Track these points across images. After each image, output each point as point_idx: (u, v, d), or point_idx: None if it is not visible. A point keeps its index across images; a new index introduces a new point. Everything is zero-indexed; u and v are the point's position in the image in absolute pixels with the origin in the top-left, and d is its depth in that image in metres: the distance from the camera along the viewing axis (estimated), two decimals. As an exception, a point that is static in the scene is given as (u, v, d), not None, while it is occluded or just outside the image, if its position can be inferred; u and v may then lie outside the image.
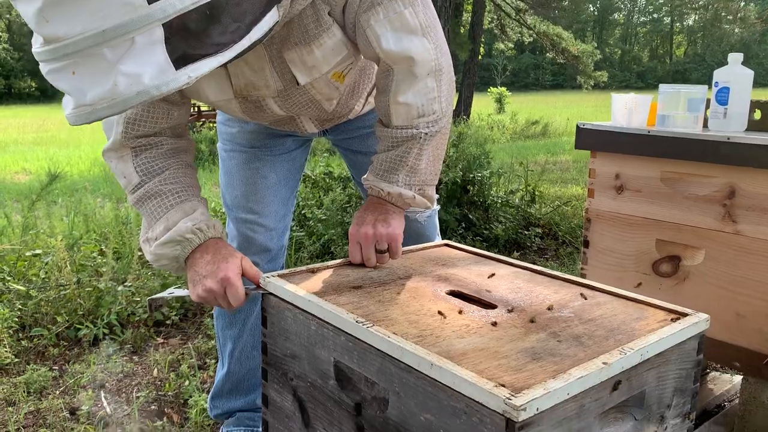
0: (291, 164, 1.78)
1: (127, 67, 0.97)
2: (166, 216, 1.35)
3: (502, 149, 10.40)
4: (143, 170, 1.38)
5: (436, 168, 1.48)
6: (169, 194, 1.37)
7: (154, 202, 1.37)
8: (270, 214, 1.73)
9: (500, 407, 0.85)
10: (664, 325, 1.11)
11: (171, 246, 1.33)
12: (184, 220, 1.34)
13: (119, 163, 1.39)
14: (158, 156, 1.39)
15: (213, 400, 1.88)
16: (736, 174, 1.75)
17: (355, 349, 1.09)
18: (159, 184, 1.37)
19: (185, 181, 1.41)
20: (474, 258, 1.50)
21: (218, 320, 1.83)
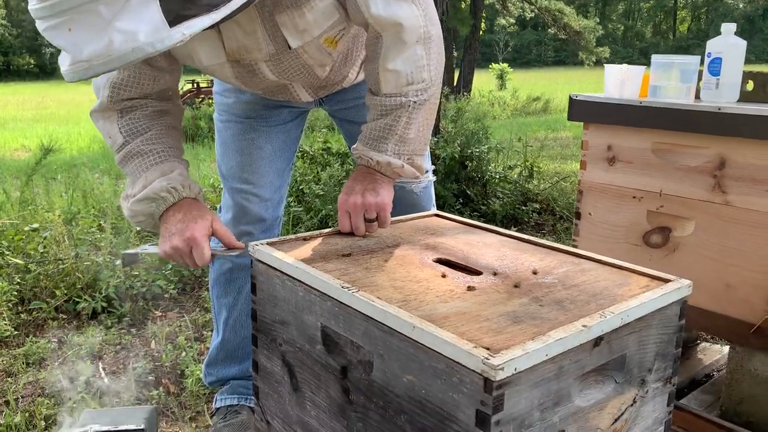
0: (287, 135, 1.79)
1: (123, 24, 0.99)
2: (145, 175, 1.37)
3: (502, 125, 10.36)
4: (127, 131, 1.40)
5: (426, 137, 1.49)
6: (150, 154, 1.39)
7: (136, 161, 1.39)
8: (265, 184, 1.75)
9: (478, 367, 0.87)
10: (646, 291, 1.12)
11: (146, 203, 1.36)
12: (161, 179, 1.37)
13: (105, 123, 1.42)
14: (142, 117, 1.41)
15: (207, 367, 1.91)
16: (727, 145, 1.75)
17: (341, 314, 1.11)
18: (141, 144, 1.39)
19: (167, 142, 1.42)
20: (463, 227, 1.52)
21: (213, 289, 1.86)
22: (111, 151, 1.45)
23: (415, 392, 0.98)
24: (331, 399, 1.17)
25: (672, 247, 1.90)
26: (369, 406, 1.08)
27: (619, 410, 1.10)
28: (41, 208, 3.86)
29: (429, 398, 0.96)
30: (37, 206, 3.91)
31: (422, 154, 1.49)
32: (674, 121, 1.82)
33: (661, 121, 1.85)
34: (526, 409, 0.91)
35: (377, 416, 1.06)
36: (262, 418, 1.39)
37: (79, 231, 3.43)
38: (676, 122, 1.82)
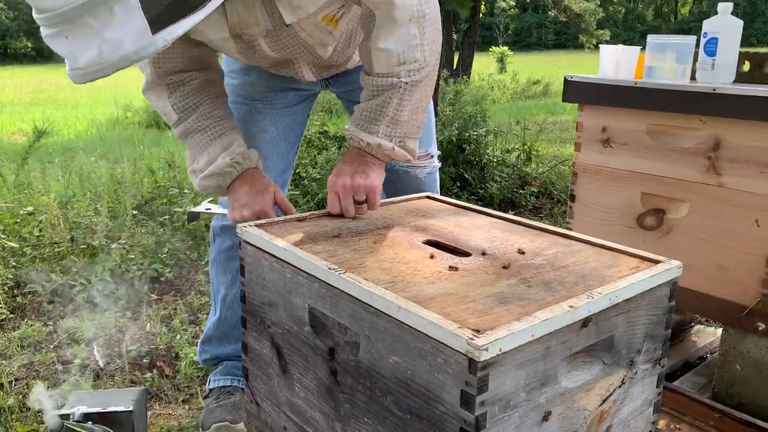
0: (291, 119, 1.78)
1: (110, 33, 1.04)
2: (207, 150, 1.50)
3: (502, 109, 10.31)
4: (180, 107, 1.51)
5: (419, 120, 1.47)
6: (207, 130, 1.51)
7: (195, 137, 1.51)
8: (268, 167, 1.74)
9: (463, 347, 0.86)
10: (636, 272, 1.12)
11: (214, 178, 1.50)
12: (223, 154, 1.49)
13: (158, 100, 1.52)
14: (191, 92, 1.51)
15: (203, 344, 1.92)
16: (721, 126, 1.74)
17: (328, 295, 1.10)
18: (196, 121, 1.51)
19: (219, 114, 1.53)
20: (454, 209, 1.51)
21: (213, 266, 1.86)
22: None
23: (401, 373, 0.98)
24: (319, 380, 1.16)
25: (666, 229, 1.89)
26: (356, 387, 1.08)
27: (608, 391, 1.10)
28: (37, 192, 3.85)
29: (415, 379, 0.95)
30: (33, 190, 3.90)
31: (415, 137, 1.48)
32: (669, 103, 1.80)
33: (656, 103, 1.83)
34: (511, 390, 0.91)
35: (364, 397, 1.06)
36: (251, 399, 1.39)
37: (74, 214, 3.42)
38: (671, 103, 1.80)
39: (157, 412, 1.91)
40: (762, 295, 1.72)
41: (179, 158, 4.93)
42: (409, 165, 1.75)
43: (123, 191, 3.94)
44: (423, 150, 1.77)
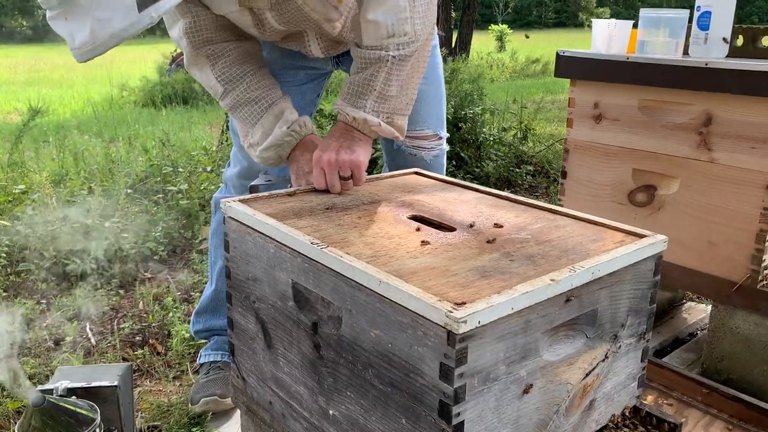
0: (301, 98, 1.75)
1: (99, 13, 1.07)
2: (260, 122, 1.51)
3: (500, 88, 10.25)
4: (224, 79, 1.50)
5: (409, 97, 1.45)
6: (257, 101, 1.51)
7: (245, 109, 1.52)
8: None
9: (442, 320, 0.86)
10: (620, 246, 1.11)
11: (273, 150, 1.51)
12: (279, 124, 1.49)
13: (201, 74, 1.52)
14: (233, 63, 1.50)
15: (197, 315, 1.92)
16: (713, 101, 1.72)
17: (311, 270, 1.10)
18: (245, 92, 1.51)
19: (266, 83, 1.53)
20: (441, 185, 1.50)
21: (213, 238, 1.86)
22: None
23: (381, 346, 0.97)
24: (303, 355, 1.16)
25: (657, 205, 1.89)
26: (339, 361, 1.08)
27: (591, 365, 1.10)
28: (31, 171, 3.83)
29: (395, 352, 0.95)
30: (27, 169, 3.89)
31: (404, 114, 1.46)
32: (661, 77, 1.79)
33: (648, 78, 1.81)
34: (491, 363, 0.91)
35: (347, 371, 1.06)
36: (238, 374, 1.39)
37: (67, 193, 3.41)
38: (663, 78, 1.78)
39: (148, 389, 1.92)
40: (751, 271, 1.72)
41: (174, 137, 4.91)
42: (417, 147, 1.74)
43: (117, 170, 3.92)
44: (432, 131, 1.76)
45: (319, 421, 1.16)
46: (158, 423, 1.74)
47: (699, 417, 1.66)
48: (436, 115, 1.76)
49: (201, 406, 1.72)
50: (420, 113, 1.69)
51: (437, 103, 1.77)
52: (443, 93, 1.79)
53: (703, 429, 1.61)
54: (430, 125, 1.74)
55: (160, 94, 8.94)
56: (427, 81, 1.66)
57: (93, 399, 1.27)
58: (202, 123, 7.00)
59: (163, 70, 10.50)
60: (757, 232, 1.69)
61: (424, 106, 1.70)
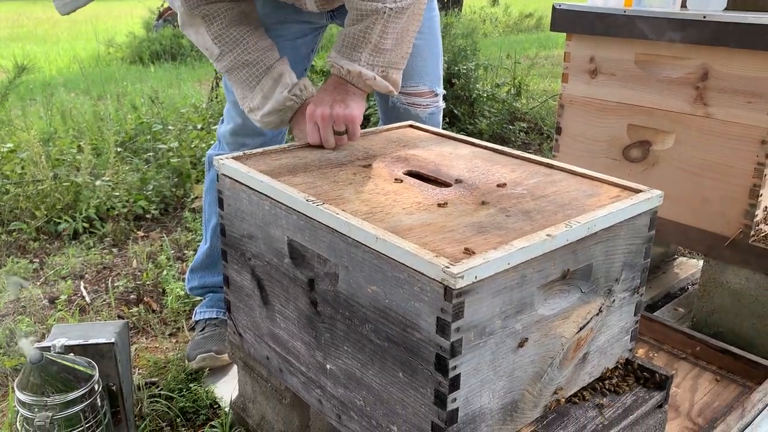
0: (295, 52, 1.71)
1: None
2: (260, 86, 1.49)
3: (494, 43, 10.10)
4: (220, 41, 1.47)
5: (404, 51, 1.43)
6: (255, 63, 1.49)
7: (243, 72, 1.49)
8: None
9: (439, 275, 0.86)
10: (616, 201, 1.11)
11: (275, 114, 1.49)
12: (279, 89, 1.48)
13: (197, 35, 1.49)
14: (229, 24, 1.47)
15: (191, 272, 1.92)
16: (711, 54, 1.70)
17: (307, 227, 1.10)
18: (242, 54, 1.48)
19: (263, 45, 1.50)
20: (436, 138, 1.49)
21: (207, 195, 1.85)
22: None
23: (378, 302, 0.98)
24: (300, 311, 1.17)
25: (651, 161, 1.88)
26: (336, 317, 1.08)
27: (585, 319, 1.11)
28: (18, 129, 3.77)
29: (392, 307, 0.96)
30: (15, 127, 3.83)
31: (399, 68, 1.44)
32: (658, 31, 1.76)
33: (645, 31, 1.79)
34: (487, 317, 0.92)
35: (344, 326, 1.07)
36: (234, 331, 1.40)
37: (56, 151, 3.37)
38: (660, 32, 1.76)
39: (144, 346, 1.94)
40: (744, 226, 1.73)
41: (163, 94, 4.84)
42: (412, 104, 1.71)
43: (106, 128, 3.87)
44: (428, 88, 1.73)
45: (317, 376, 1.17)
46: (156, 379, 1.75)
47: (688, 369, 1.69)
48: (432, 71, 1.73)
49: (198, 362, 1.74)
50: (416, 68, 1.66)
51: (434, 58, 1.73)
52: (440, 49, 1.76)
53: (692, 381, 1.65)
54: (426, 81, 1.71)
55: (148, 51, 8.76)
56: (423, 35, 1.62)
57: (90, 356, 1.27)
58: (191, 80, 6.89)
59: (150, 26, 10.27)
60: (751, 188, 1.69)
61: (419, 62, 1.67)
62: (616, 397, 1.17)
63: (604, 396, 1.17)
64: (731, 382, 1.64)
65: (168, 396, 1.67)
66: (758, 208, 1.71)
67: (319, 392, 1.18)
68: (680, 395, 1.58)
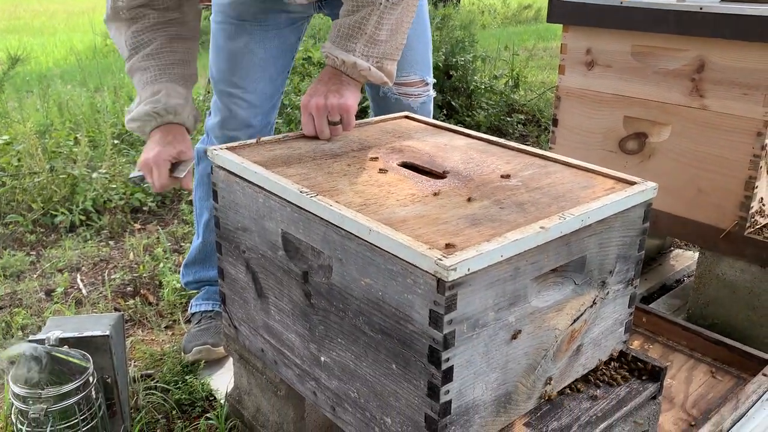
0: (282, 41, 1.72)
1: None
2: (140, 93, 1.45)
3: (492, 35, 10.07)
4: (132, 44, 1.44)
5: (398, 42, 1.42)
6: (147, 71, 1.44)
7: (136, 76, 1.46)
8: (255, 90, 1.70)
9: (431, 268, 0.86)
10: (610, 193, 1.11)
11: (135, 123, 1.46)
12: (147, 101, 1.43)
13: (116, 34, 1.47)
14: (146, 29, 1.43)
15: (185, 267, 1.92)
16: (707, 46, 1.70)
17: (301, 219, 1.09)
18: (141, 59, 1.44)
19: (165, 58, 1.45)
20: (432, 129, 1.48)
21: (197, 190, 1.85)
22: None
23: (372, 294, 0.98)
24: (294, 303, 1.17)
25: (647, 153, 1.88)
26: (329, 309, 1.08)
27: (579, 311, 1.11)
28: (15, 121, 3.76)
29: (385, 300, 0.96)
30: (11, 119, 3.81)
31: (394, 59, 1.44)
32: (655, 22, 1.76)
33: (642, 23, 1.78)
34: (480, 309, 0.92)
35: (337, 319, 1.07)
36: (229, 323, 1.40)
37: (52, 144, 3.36)
38: (657, 23, 1.75)
39: (140, 338, 1.94)
40: (739, 218, 1.73)
41: (160, 86, 4.81)
42: (403, 94, 1.71)
43: (103, 120, 3.85)
44: (418, 77, 1.72)
45: (311, 368, 1.18)
46: (152, 371, 1.76)
47: (683, 361, 1.69)
48: (422, 60, 1.72)
49: (193, 354, 1.74)
50: (406, 58, 1.65)
51: (423, 47, 1.73)
52: (429, 37, 1.76)
53: (687, 372, 1.65)
54: (417, 71, 1.71)
55: (145, 42, 8.72)
56: (412, 25, 1.62)
57: (85, 348, 1.27)
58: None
59: (147, 17, 10.23)
60: (746, 179, 1.69)
61: (409, 51, 1.66)
62: (610, 388, 1.18)
63: (598, 387, 1.17)
64: (726, 374, 1.64)
65: (164, 388, 1.67)
66: (754, 200, 1.71)
67: (314, 384, 1.18)
68: (675, 387, 1.59)
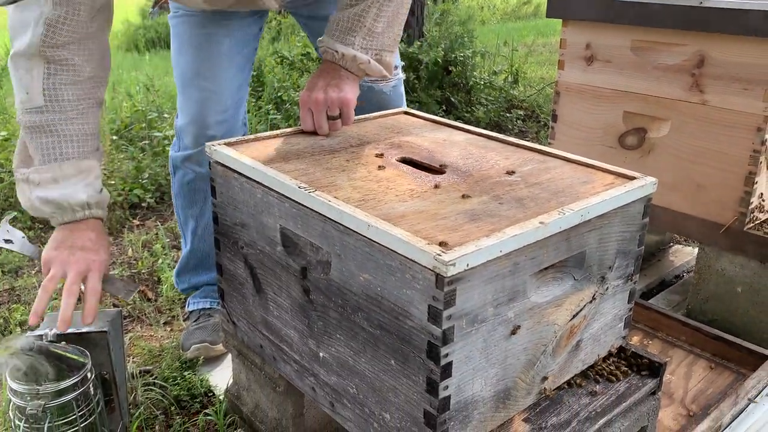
0: (246, 31, 1.67)
1: None
2: (59, 165, 1.27)
3: (492, 30, 10.06)
4: (51, 96, 1.26)
5: (396, 33, 1.42)
6: (70, 140, 1.28)
7: (50, 139, 1.27)
8: (224, 81, 1.65)
9: (430, 263, 0.86)
10: (610, 188, 1.10)
11: (52, 207, 1.28)
12: (81, 184, 1.28)
13: (27, 74, 1.25)
14: (71, 84, 1.27)
15: (178, 276, 1.90)
16: (707, 41, 1.69)
17: (299, 214, 1.09)
18: (63, 123, 1.27)
19: (90, 129, 1.32)
20: (431, 125, 1.48)
21: (177, 200, 1.80)
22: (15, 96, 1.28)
23: (371, 290, 0.98)
24: (293, 299, 1.17)
25: (647, 148, 1.88)
26: (328, 305, 1.08)
27: (578, 306, 1.10)
28: (13, 117, 3.75)
29: (384, 295, 0.95)
30: (9, 115, 3.81)
31: (392, 51, 1.43)
32: (654, 17, 1.75)
33: (641, 17, 1.78)
34: (479, 305, 0.91)
35: (336, 314, 1.07)
36: (228, 319, 1.40)
37: (51, 140, 3.35)
38: (656, 18, 1.75)
39: (139, 334, 1.93)
40: (739, 214, 1.72)
41: (158, 82, 4.81)
42: (375, 80, 1.67)
43: (101, 116, 3.85)
44: None
45: (310, 364, 1.17)
46: (150, 367, 1.75)
47: (683, 356, 1.69)
48: None
49: (192, 352, 1.73)
50: None
51: None
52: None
53: (686, 368, 1.65)
54: None
55: (143, 38, 8.71)
56: None
57: (84, 345, 1.27)
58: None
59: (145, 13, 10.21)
60: (746, 175, 1.69)
61: None
62: (610, 384, 1.17)
63: (597, 383, 1.17)
64: (725, 369, 1.64)
65: (162, 384, 1.67)
66: (753, 196, 1.70)
67: (313, 380, 1.18)
68: (674, 382, 1.59)
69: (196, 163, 1.70)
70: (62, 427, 1.21)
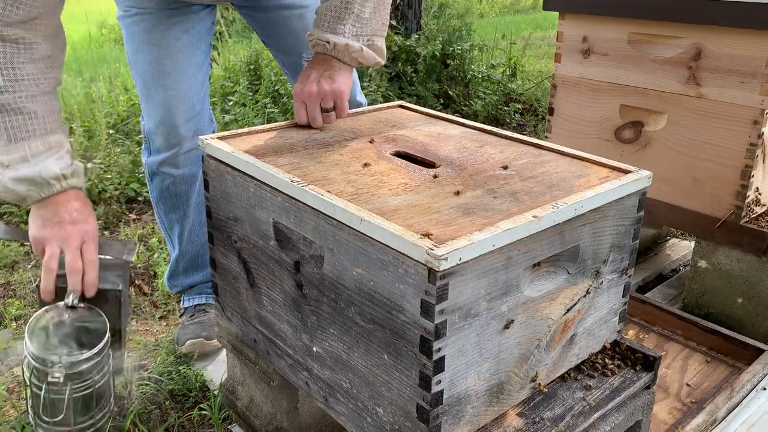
0: (201, 25, 1.64)
1: None
2: (27, 144, 1.23)
3: (489, 24, 10.02)
4: (10, 75, 1.21)
5: (383, 17, 1.41)
6: (35, 117, 1.24)
7: (14, 118, 1.22)
8: (187, 78, 1.61)
9: (423, 257, 0.85)
10: (604, 182, 1.10)
11: (26, 184, 1.22)
12: (52, 159, 1.24)
13: None
14: (30, 61, 1.23)
15: (170, 280, 1.87)
16: (703, 34, 1.68)
17: (292, 209, 1.08)
18: (25, 100, 1.23)
19: (52, 106, 1.28)
20: (426, 119, 1.47)
21: (159, 206, 1.77)
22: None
23: (363, 284, 0.97)
24: (286, 294, 1.16)
25: (643, 142, 1.87)
26: (321, 299, 1.07)
27: (572, 301, 1.10)
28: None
29: (377, 290, 0.95)
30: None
31: (382, 35, 1.42)
32: (651, 10, 1.74)
33: (638, 10, 1.77)
34: (471, 299, 0.91)
35: (329, 309, 1.06)
36: (222, 313, 1.39)
37: (47, 134, 3.33)
38: (654, 10, 1.74)
39: (135, 329, 1.93)
40: (735, 207, 1.72)
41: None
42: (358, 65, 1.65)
43: (98, 110, 3.83)
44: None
45: (303, 358, 1.17)
46: (145, 362, 1.75)
47: (678, 350, 1.69)
48: None
49: (187, 347, 1.73)
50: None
51: None
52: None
53: (682, 361, 1.65)
54: None
55: (141, 32, 8.67)
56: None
57: (97, 301, 1.25)
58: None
59: (142, 7, 10.17)
60: (743, 168, 1.68)
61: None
62: (604, 378, 1.17)
63: (591, 377, 1.17)
64: (721, 363, 1.64)
65: (158, 379, 1.67)
66: (750, 189, 1.70)
67: (306, 375, 1.18)
68: (670, 376, 1.59)
69: (171, 166, 1.67)
70: (81, 390, 1.21)
